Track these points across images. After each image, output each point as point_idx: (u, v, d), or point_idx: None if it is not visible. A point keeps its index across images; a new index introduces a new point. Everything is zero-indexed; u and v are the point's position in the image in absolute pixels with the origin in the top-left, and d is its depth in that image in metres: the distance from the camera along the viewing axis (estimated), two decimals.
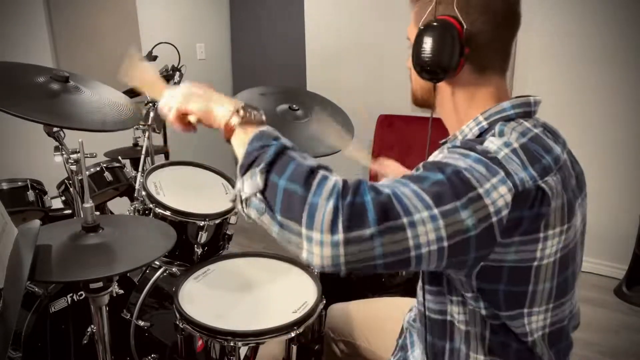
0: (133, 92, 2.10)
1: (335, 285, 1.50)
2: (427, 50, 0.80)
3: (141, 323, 1.56)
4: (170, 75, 2.21)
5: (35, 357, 1.44)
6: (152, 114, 2.02)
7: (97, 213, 1.16)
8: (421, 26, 0.82)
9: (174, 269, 1.62)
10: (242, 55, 4.04)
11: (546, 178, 0.72)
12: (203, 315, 1.20)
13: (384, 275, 1.83)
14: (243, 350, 1.23)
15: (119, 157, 2.17)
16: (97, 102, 1.47)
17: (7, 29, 2.54)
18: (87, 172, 1.61)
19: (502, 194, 0.67)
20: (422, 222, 0.64)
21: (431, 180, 0.67)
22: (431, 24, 0.80)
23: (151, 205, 1.54)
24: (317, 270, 1.20)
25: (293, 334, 1.17)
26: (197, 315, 1.19)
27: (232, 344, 1.17)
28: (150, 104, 2.02)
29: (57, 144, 1.52)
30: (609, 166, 2.64)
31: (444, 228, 0.64)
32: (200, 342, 1.30)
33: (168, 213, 1.52)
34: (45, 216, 1.86)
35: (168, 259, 1.60)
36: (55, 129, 1.51)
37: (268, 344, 1.22)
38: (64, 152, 1.53)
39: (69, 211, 1.96)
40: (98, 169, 2.03)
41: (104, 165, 2.05)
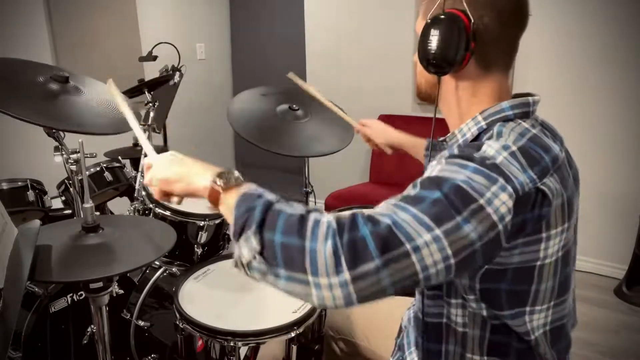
0: (133, 92, 2.11)
1: None
2: (434, 42, 0.80)
3: (141, 323, 1.56)
4: (170, 75, 2.21)
5: (35, 357, 1.44)
6: (152, 114, 2.02)
7: (97, 213, 1.16)
8: (429, 19, 0.82)
9: (174, 269, 1.62)
10: (242, 55, 4.03)
11: (545, 179, 0.72)
12: (203, 315, 1.20)
13: None
14: (243, 350, 1.23)
15: (119, 157, 2.17)
16: (96, 104, 1.47)
17: (7, 28, 2.54)
18: (87, 172, 1.61)
19: (503, 201, 0.67)
20: (425, 245, 0.63)
21: (429, 200, 0.66)
22: (439, 17, 0.80)
23: (151, 205, 1.54)
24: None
25: (293, 334, 1.17)
26: (197, 315, 1.19)
27: (232, 344, 1.17)
28: (150, 104, 2.03)
29: (57, 144, 1.52)
30: (609, 166, 2.62)
31: (449, 247, 0.64)
32: (200, 342, 1.30)
33: (168, 213, 1.52)
34: (45, 216, 1.86)
35: (168, 259, 1.60)
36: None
37: (268, 344, 1.22)
38: (64, 152, 1.52)
39: (69, 211, 1.96)
40: (98, 169, 2.03)
41: (104, 165, 2.04)
